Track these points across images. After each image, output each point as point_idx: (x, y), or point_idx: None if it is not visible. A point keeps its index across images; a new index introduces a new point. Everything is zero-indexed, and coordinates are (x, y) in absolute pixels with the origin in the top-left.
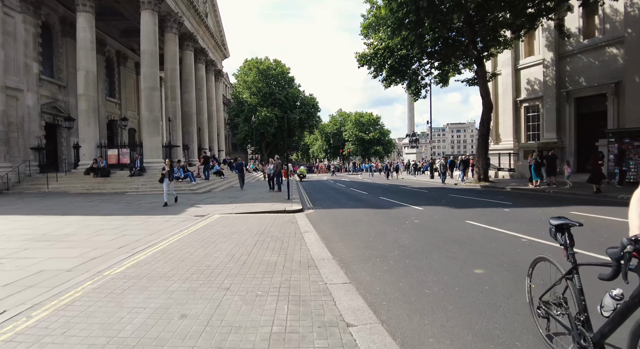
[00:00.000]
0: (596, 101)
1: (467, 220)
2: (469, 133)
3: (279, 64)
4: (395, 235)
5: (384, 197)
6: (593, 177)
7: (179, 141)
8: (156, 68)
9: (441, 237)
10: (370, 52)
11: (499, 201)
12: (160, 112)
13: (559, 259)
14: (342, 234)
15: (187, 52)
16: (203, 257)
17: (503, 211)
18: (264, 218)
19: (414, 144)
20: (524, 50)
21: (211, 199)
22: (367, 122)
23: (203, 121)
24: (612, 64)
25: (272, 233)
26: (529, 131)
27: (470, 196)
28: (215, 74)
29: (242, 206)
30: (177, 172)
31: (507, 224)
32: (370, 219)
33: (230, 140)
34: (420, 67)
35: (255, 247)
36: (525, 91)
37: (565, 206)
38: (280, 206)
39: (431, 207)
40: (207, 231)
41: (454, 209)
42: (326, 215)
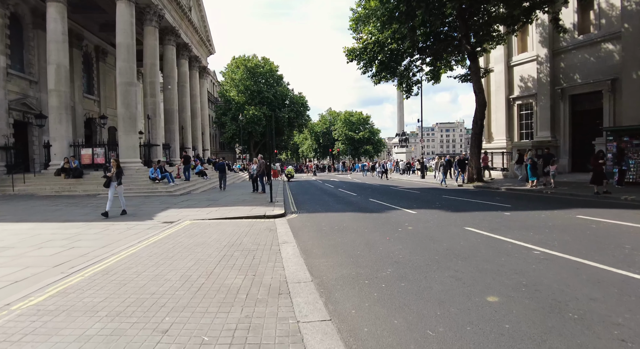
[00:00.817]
0: (591, 99)
1: (467, 227)
2: (457, 133)
3: (267, 61)
4: (386, 246)
5: (374, 199)
6: (595, 178)
7: (159, 139)
8: (133, 62)
9: (440, 249)
10: (360, 46)
11: (497, 204)
12: (137, 109)
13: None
14: (326, 245)
15: (169, 47)
16: (151, 279)
17: (504, 215)
18: (240, 225)
19: (403, 143)
20: (517, 47)
21: (187, 202)
22: (357, 121)
23: (186, 119)
24: (608, 60)
25: (245, 245)
26: (522, 129)
27: (465, 197)
28: (199, 70)
29: (219, 211)
30: (154, 172)
31: (513, 232)
32: (358, 225)
33: (218, 139)
34: (411, 63)
35: (220, 265)
36: (519, 89)
37: (569, 208)
38: (261, 210)
39: (425, 210)
40: (169, 242)
41: (450, 213)
42: (310, 220)
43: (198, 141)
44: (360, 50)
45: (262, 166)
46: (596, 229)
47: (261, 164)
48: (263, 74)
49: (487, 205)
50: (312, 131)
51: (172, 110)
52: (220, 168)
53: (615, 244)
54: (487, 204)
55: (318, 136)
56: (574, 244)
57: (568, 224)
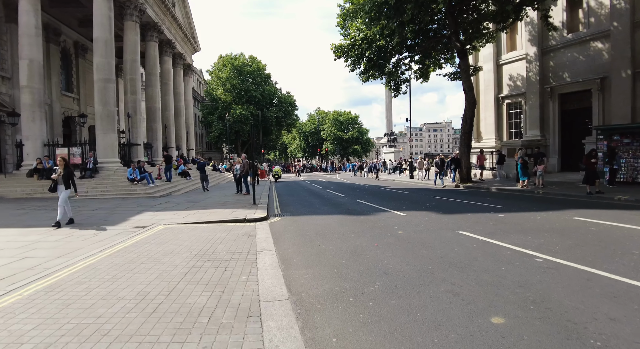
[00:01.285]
0: (581, 98)
1: (460, 230)
2: (445, 133)
3: (255, 60)
4: (375, 254)
5: (362, 201)
6: (588, 178)
7: (141, 139)
8: (111, 58)
9: (434, 257)
10: (347, 43)
11: (489, 205)
12: (116, 107)
13: None
14: (309, 253)
15: (151, 44)
16: (102, 298)
17: (498, 217)
18: (217, 230)
19: (392, 143)
20: (506, 45)
21: (166, 204)
22: (346, 121)
23: (169, 118)
24: (598, 59)
25: (218, 253)
26: (511, 128)
27: (455, 197)
28: (184, 68)
29: (197, 214)
30: (133, 173)
31: (510, 236)
32: (345, 229)
33: (204, 139)
34: (400, 62)
35: (185, 278)
36: (508, 87)
37: (563, 209)
38: (241, 213)
39: (415, 212)
40: (135, 251)
41: (442, 215)
42: (294, 224)
43: (182, 140)
44: (348, 47)
45: (246, 166)
46: (597, 232)
47: (245, 164)
48: (250, 73)
49: (479, 206)
50: (301, 131)
51: (155, 108)
52: (200, 168)
53: (621, 249)
54: (479, 205)
55: (306, 136)
56: (577, 250)
57: (566, 226)
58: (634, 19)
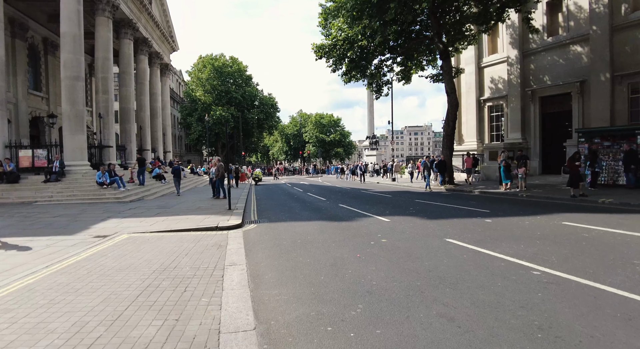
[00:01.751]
0: (561, 100)
1: (448, 238)
2: (425, 136)
3: (236, 61)
4: (357, 267)
5: (344, 205)
6: (572, 180)
7: (112, 140)
8: (80, 55)
9: (421, 270)
10: (329, 43)
11: (474, 209)
12: (89, 108)
13: None
14: (284, 267)
15: (126, 41)
16: (27, 332)
17: (485, 222)
18: (185, 240)
19: (374, 146)
20: (488, 48)
21: (135, 210)
22: (328, 123)
23: (145, 119)
24: (577, 62)
25: (181, 269)
26: (492, 131)
27: (439, 201)
28: (161, 68)
29: (166, 221)
30: (102, 177)
31: (501, 244)
32: (325, 238)
33: (183, 141)
34: (382, 63)
35: (136, 302)
36: (489, 90)
37: (550, 213)
38: (214, 221)
39: (399, 218)
40: (86, 267)
41: (427, 220)
42: (270, 232)
43: (158, 142)
44: (330, 47)
45: (220, 169)
46: (590, 239)
47: (219, 166)
48: (231, 74)
49: (465, 210)
50: (283, 133)
51: (129, 109)
52: (174, 172)
53: (620, 259)
54: (464, 210)
55: (289, 138)
56: (575, 261)
57: (557, 233)
58: (613, 22)
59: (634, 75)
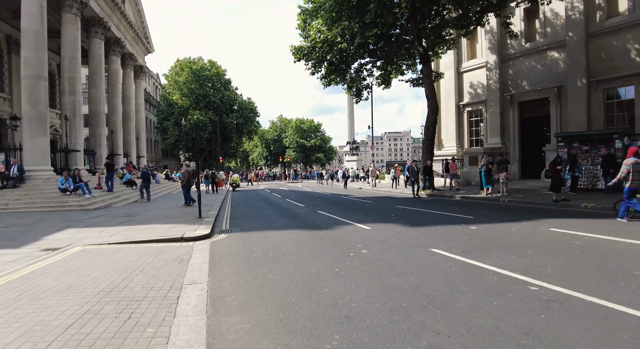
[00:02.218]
0: (539, 105)
1: (433, 247)
2: (405, 142)
3: (214, 65)
4: (334, 285)
5: (323, 212)
6: (554, 185)
7: (80, 144)
8: (43, 53)
9: (407, 288)
10: (308, 45)
11: (458, 215)
12: (53, 109)
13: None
14: (250, 286)
15: (96, 41)
16: None
17: (470, 229)
18: (144, 253)
19: (354, 151)
20: (467, 53)
21: (99, 218)
22: (309, 128)
23: (117, 122)
24: (554, 68)
25: (131, 289)
26: (472, 136)
27: (420, 207)
28: (135, 69)
29: (129, 231)
30: (65, 183)
31: (490, 255)
32: (300, 249)
33: (160, 146)
34: (362, 67)
35: (64, 336)
36: (469, 95)
37: (535, 219)
38: (181, 230)
39: (380, 225)
40: (18, 288)
41: (409, 228)
42: (241, 243)
43: (131, 146)
44: (308, 49)
45: (186, 174)
46: (582, 247)
47: (185, 172)
48: (209, 78)
49: (447, 217)
50: (263, 138)
51: (99, 111)
52: (143, 177)
53: (620, 270)
54: (446, 216)
55: (269, 144)
56: (573, 273)
57: (547, 240)
58: (588, 29)
59: (609, 81)
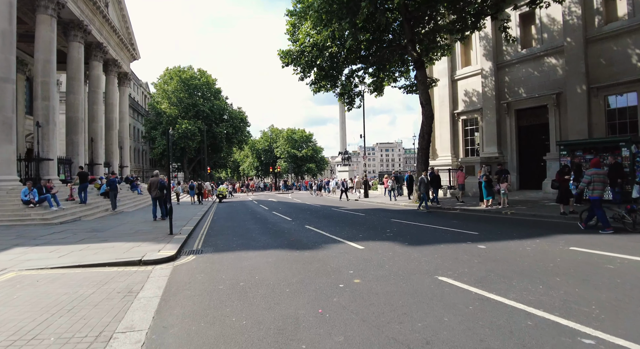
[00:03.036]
0: (537, 113)
1: (441, 275)
2: (396, 152)
3: (204, 74)
4: (315, 338)
5: (311, 226)
6: (562, 196)
7: (53, 152)
8: (10, 53)
9: (415, 344)
10: (296, 49)
11: (461, 230)
12: (14, 113)
13: None
14: (202, 339)
15: (75, 44)
16: None
17: (479, 249)
18: (87, 282)
19: (346, 162)
20: (461, 60)
21: (58, 235)
22: (300, 138)
23: (98, 130)
24: (552, 75)
25: (39, 342)
26: (467, 145)
27: (418, 221)
28: (120, 76)
29: (85, 250)
30: (29, 194)
31: (511, 284)
32: (279, 277)
33: (147, 156)
34: (353, 73)
35: None
36: (463, 103)
37: (549, 236)
38: (143, 251)
39: (375, 244)
40: None
41: (409, 247)
42: (209, 268)
43: (114, 156)
44: (297, 53)
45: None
46: (620, 273)
47: (152, 182)
48: (199, 87)
49: (450, 233)
50: (254, 149)
51: (77, 118)
52: (110, 184)
53: None
54: (449, 232)
55: (260, 154)
56: (629, 313)
57: (573, 263)
58: (587, 34)
59: (610, 87)
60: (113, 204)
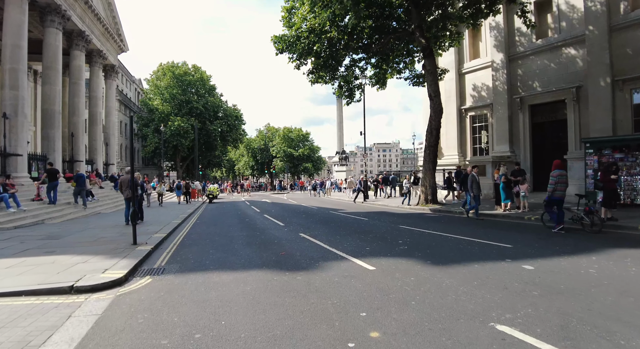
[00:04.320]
0: (553, 109)
1: (499, 323)
2: (394, 153)
3: (198, 70)
4: None
5: (307, 235)
6: (609, 199)
7: (22, 147)
8: None
9: None
10: (292, 33)
11: (487, 241)
12: None
13: None
14: None
15: (51, 31)
16: None
17: (527, 272)
18: None
19: (343, 162)
20: (469, 53)
21: (3, 242)
22: (297, 137)
23: (78, 125)
24: (571, 67)
25: None
26: (475, 143)
27: (431, 228)
28: (106, 69)
29: (14, 268)
30: None
31: (619, 343)
32: (255, 325)
33: (140, 154)
34: (354, 64)
35: None
36: (471, 98)
37: (603, 249)
38: (84, 269)
39: (388, 261)
40: None
41: (435, 269)
42: (159, 304)
43: (98, 153)
44: (293, 38)
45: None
46: None
47: (122, 180)
48: (193, 83)
49: (476, 245)
50: (249, 147)
51: (53, 111)
52: (77, 180)
53: None
54: (474, 243)
55: (255, 153)
56: None
57: None
58: (611, 22)
59: (637, 80)
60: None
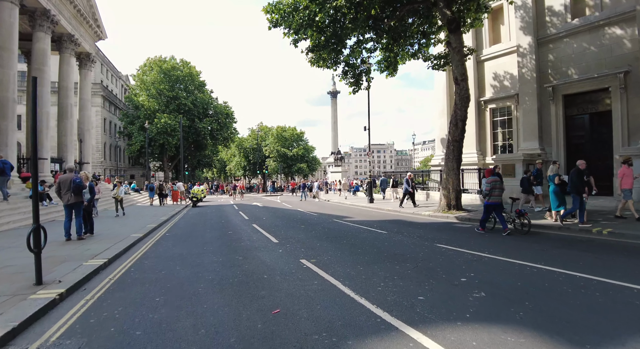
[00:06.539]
0: (593, 99)
1: None
2: (388, 154)
3: (187, 65)
4: None
5: (312, 263)
6: None
7: None
8: None
9: None
10: (288, 1)
11: (600, 278)
12: None
13: None
14: None
15: (5, 4)
16: None
17: None
18: None
19: (338, 162)
20: (489, 38)
21: None
22: (291, 137)
23: (43, 118)
24: (616, 49)
25: None
26: (496, 140)
27: (485, 249)
28: (81, 57)
29: None
30: None
31: None
32: None
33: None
34: (361, 45)
35: None
36: (492, 89)
37: None
38: None
39: (473, 335)
40: None
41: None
42: None
43: (68, 149)
44: (290, 7)
45: (66, 185)
46: None
47: (62, 181)
48: (181, 78)
49: (590, 287)
50: (241, 147)
51: (7, 99)
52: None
53: None
54: (581, 280)
55: (247, 153)
56: None
57: None
58: None
59: None
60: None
